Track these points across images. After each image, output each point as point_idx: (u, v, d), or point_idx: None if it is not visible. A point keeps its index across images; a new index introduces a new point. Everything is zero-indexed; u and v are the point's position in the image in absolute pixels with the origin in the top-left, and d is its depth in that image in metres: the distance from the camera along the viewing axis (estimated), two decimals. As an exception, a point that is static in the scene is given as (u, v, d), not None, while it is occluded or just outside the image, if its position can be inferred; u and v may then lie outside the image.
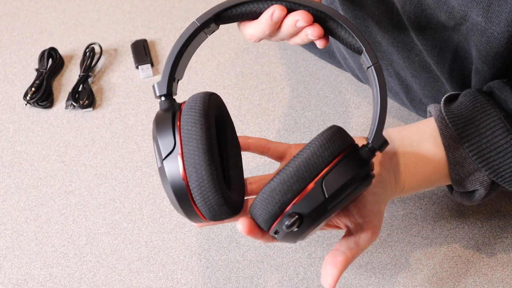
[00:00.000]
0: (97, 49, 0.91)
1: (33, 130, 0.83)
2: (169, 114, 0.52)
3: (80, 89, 0.86)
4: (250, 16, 0.55)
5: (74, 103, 0.84)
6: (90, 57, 0.89)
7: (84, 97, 0.85)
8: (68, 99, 0.85)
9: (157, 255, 0.70)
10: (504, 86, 0.59)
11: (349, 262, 0.55)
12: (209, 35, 0.57)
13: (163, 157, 0.50)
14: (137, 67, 0.90)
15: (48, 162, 0.79)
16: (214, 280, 0.67)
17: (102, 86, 0.88)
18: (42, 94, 0.85)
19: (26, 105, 0.85)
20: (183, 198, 0.50)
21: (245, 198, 0.58)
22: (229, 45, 0.93)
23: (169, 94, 0.54)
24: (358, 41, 0.53)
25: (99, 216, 0.73)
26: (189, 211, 0.52)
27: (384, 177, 0.59)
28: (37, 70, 0.88)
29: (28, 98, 0.85)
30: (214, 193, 0.50)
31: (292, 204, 0.50)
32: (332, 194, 0.50)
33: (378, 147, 0.52)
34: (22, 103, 0.86)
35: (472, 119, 0.58)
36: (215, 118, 0.54)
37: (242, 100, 0.85)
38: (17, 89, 0.88)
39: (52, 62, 0.89)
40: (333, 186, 0.50)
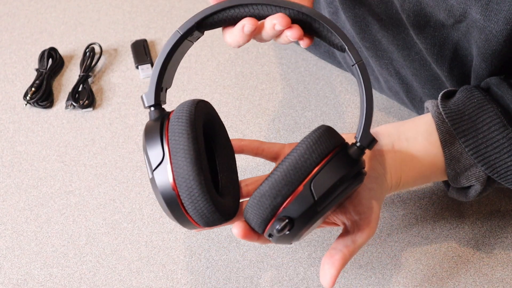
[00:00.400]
0: (97, 49, 0.91)
1: (33, 130, 0.83)
2: (157, 125, 0.52)
3: (80, 89, 0.86)
4: (232, 21, 0.55)
5: (74, 103, 0.84)
6: (90, 57, 0.89)
7: (84, 97, 0.85)
8: (68, 99, 0.85)
9: (157, 255, 0.70)
10: (501, 82, 0.59)
11: (346, 260, 0.55)
12: (194, 42, 0.57)
13: (153, 168, 0.51)
14: (137, 67, 0.90)
15: (48, 162, 0.79)
16: (214, 280, 0.67)
17: (102, 86, 0.88)
18: (42, 94, 0.85)
19: (26, 105, 0.85)
20: (175, 208, 0.51)
21: (241, 201, 0.58)
22: (229, 45, 0.93)
23: (157, 104, 0.55)
24: (340, 39, 0.53)
25: (99, 216, 0.73)
26: (182, 220, 0.53)
27: (379, 172, 0.59)
28: (37, 70, 0.88)
29: (28, 98, 0.85)
30: (204, 201, 0.50)
31: (282, 208, 0.50)
32: (321, 196, 0.50)
33: (367, 145, 0.52)
34: (22, 103, 0.86)
35: (468, 115, 0.58)
36: (204, 124, 0.55)
37: (242, 100, 0.85)
38: (17, 89, 0.88)
39: (52, 62, 0.89)
40: (322, 188, 0.50)
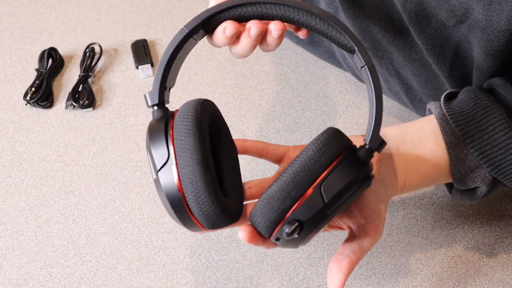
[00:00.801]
0: (97, 49, 0.91)
1: (33, 130, 0.83)
2: (162, 124, 0.51)
3: (80, 89, 0.86)
4: (238, 20, 0.55)
5: (74, 103, 0.84)
6: (90, 57, 0.89)
7: (84, 97, 0.85)
8: (68, 99, 0.85)
9: (157, 255, 0.70)
10: (505, 83, 0.59)
11: (354, 266, 0.55)
12: (198, 41, 0.56)
13: (158, 168, 0.50)
14: (137, 67, 0.90)
15: (48, 162, 0.79)
16: (214, 280, 0.67)
17: (102, 86, 0.88)
18: (42, 94, 0.85)
19: (26, 105, 0.85)
20: (181, 210, 0.50)
21: (244, 203, 0.57)
22: (229, 45, 0.93)
23: (161, 103, 0.54)
24: (350, 40, 0.52)
25: (99, 216, 0.73)
26: (187, 222, 0.51)
27: (385, 175, 0.59)
28: (37, 70, 0.88)
29: (28, 98, 0.84)
30: (211, 202, 0.49)
31: (291, 211, 0.49)
32: (331, 199, 0.49)
33: (376, 148, 0.52)
34: (22, 103, 0.86)
35: (473, 116, 0.58)
36: (209, 125, 0.54)
37: (242, 100, 0.85)
38: (17, 89, 0.88)
39: (52, 62, 0.89)
40: (332, 190, 0.49)
